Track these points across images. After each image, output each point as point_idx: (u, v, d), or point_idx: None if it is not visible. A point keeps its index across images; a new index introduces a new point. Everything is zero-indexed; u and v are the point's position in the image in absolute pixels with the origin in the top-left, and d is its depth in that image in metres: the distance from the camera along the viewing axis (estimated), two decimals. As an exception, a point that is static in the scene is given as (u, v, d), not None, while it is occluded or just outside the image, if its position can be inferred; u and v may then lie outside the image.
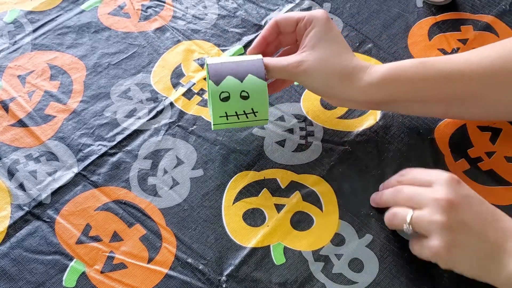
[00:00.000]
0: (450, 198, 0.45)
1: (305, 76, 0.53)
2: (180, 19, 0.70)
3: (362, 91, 0.53)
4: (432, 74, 0.52)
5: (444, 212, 0.44)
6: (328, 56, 0.53)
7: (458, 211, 0.45)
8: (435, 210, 0.45)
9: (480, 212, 0.45)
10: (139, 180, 0.57)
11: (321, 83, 0.53)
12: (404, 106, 0.55)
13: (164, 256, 0.52)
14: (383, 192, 0.53)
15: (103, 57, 0.66)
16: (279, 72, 0.54)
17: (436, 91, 0.52)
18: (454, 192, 0.45)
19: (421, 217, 0.46)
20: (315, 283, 0.51)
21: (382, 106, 0.57)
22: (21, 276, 0.51)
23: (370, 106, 0.58)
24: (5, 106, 0.62)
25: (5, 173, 0.57)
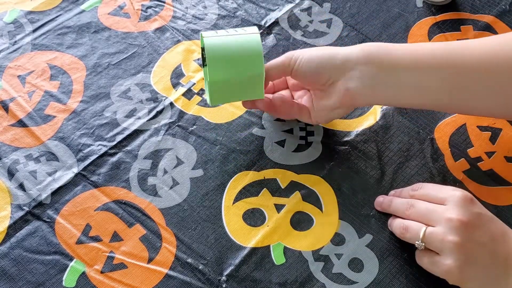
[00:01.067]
0: (464, 219, 0.45)
1: (298, 65, 0.54)
2: (180, 19, 0.70)
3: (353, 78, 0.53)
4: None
5: (457, 232, 0.45)
6: (317, 49, 0.55)
7: (471, 231, 0.45)
8: (448, 230, 0.45)
9: (491, 231, 0.46)
10: (139, 180, 0.57)
11: (314, 69, 0.53)
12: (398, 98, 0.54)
13: (164, 256, 0.52)
14: (393, 200, 0.53)
15: (103, 57, 0.66)
16: (275, 67, 0.55)
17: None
18: (467, 212, 0.46)
19: (434, 235, 0.46)
20: (315, 283, 0.51)
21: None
22: (21, 276, 0.51)
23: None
24: (5, 106, 0.62)
25: (5, 173, 0.57)
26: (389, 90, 0.52)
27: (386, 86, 0.51)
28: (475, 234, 0.45)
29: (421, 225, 0.48)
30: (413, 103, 0.54)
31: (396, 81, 0.51)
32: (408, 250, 0.52)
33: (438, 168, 0.57)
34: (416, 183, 0.55)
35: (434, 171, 0.57)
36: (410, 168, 0.57)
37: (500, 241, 0.45)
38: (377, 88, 0.52)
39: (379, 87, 0.52)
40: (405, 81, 0.51)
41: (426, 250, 0.48)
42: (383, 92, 0.52)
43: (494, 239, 0.45)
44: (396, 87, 0.52)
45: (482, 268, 0.45)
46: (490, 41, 0.52)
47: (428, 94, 0.51)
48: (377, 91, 0.52)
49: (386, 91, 0.52)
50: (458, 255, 0.45)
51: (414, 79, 0.51)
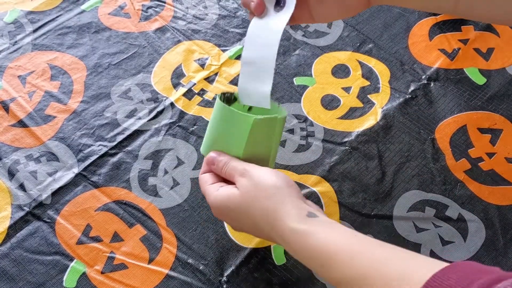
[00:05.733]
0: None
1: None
2: (180, 19, 0.70)
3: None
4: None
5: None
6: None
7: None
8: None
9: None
10: (139, 180, 0.57)
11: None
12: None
13: (165, 257, 0.52)
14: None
15: (104, 57, 0.66)
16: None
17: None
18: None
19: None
20: (316, 283, 0.51)
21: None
22: (21, 277, 0.51)
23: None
24: (5, 107, 0.62)
25: (5, 173, 0.57)
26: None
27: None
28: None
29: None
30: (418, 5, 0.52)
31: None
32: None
33: (439, 168, 0.57)
34: (417, 183, 0.55)
35: (435, 171, 0.57)
36: (411, 168, 0.57)
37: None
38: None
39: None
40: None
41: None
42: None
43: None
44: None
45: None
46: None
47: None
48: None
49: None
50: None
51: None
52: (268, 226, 0.43)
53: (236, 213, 0.45)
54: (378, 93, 0.63)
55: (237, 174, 0.46)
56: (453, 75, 0.64)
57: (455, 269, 0.33)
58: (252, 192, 0.44)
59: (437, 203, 0.55)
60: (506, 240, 0.53)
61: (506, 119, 0.60)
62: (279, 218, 0.42)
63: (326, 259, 0.39)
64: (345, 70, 0.65)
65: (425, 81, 0.64)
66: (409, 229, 0.53)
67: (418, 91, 0.63)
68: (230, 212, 0.46)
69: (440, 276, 0.33)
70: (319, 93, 0.63)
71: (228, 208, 0.46)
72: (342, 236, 0.40)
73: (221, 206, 0.46)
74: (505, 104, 0.62)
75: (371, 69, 0.65)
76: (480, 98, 0.62)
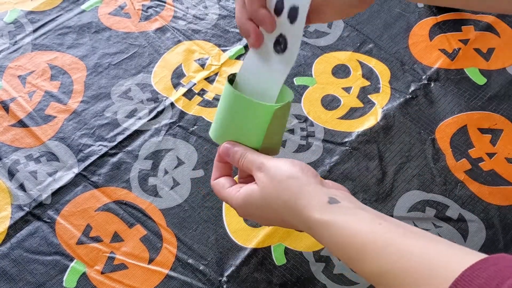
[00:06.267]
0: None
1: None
2: (180, 19, 0.70)
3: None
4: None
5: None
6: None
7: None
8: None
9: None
10: (139, 180, 0.57)
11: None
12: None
13: (165, 257, 0.52)
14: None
15: (104, 57, 0.66)
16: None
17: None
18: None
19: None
20: (316, 283, 0.51)
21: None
22: (21, 277, 0.51)
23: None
24: (5, 107, 0.62)
25: (5, 173, 0.57)
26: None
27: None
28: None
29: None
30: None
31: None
32: (409, 251, 0.52)
33: (439, 169, 0.57)
34: (417, 183, 0.54)
35: (435, 172, 0.57)
36: (412, 168, 0.57)
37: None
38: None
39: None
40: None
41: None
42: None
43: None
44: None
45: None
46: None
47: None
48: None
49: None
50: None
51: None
52: (294, 219, 0.42)
53: (260, 210, 0.44)
54: (379, 93, 0.63)
55: (254, 168, 0.45)
56: (453, 75, 0.64)
57: (486, 264, 0.32)
58: (270, 187, 0.43)
59: (437, 203, 0.55)
60: (506, 241, 0.53)
61: (507, 119, 0.60)
62: (301, 210, 0.41)
63: (352, 253, 0.38)
64: (345, 70, 0.65)
65: (425, 81, 0.64)
66: (409, 229, 0.53)
67: (419, 91, 0.63)
68: (255, 210, 0.45)
69: (470, 273, 0.31)
70: (320, 93, 0.63)
71: (251, 206, 0.45)
72: (367, 227, 0.38)
73: (245, 206, 0.45)
74: (505, 104, 0.62)
75: (371, 69, 0.65)
76: (480, 98, 0.62)
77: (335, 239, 0.39)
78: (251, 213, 0.46)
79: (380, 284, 0.37)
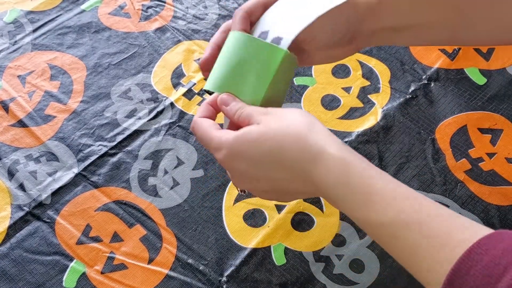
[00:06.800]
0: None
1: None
2: (180, 19, 0.70)
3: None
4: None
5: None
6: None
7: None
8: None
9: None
10: (139, 180, 0.57)
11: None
12: (410, 32, 0.46)
13: (165, 257, 0.52)
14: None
15: (104, 57, 0.66)
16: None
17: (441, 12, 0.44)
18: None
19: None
20: (316, 283, 0.51)
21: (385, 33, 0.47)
22: (21, 277, 0.51)
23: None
24: (5, 106, 0.62)
25: (5, 173, 0.57)
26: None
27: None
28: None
29: None
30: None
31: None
32: (409, 251, 0.52)
33: (439, 169, 0.57)
34: (417, 183, 0.54)
35: (435, 172, 0.57)
36: (411, 168, 0.57)
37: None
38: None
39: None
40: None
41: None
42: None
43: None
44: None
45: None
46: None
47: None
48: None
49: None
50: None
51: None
52: (299, 159, 0.37)
53: (256, 154, 0.37)
54: (378, 93, 0.63)
55: (256, 114, 0.39)
56: (453, 75, 0.64)
57: (501, 237, 0.31)
58: (275, 124, 0.37)
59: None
60: (506, 241, 0.53)
61: (507, 119, 0.60)
62: (311, 144, 0.36)
63: (364, 197, 0.35)
64: (345, 70, 0.65)
65: (425, 81, 0.64)
66: (409, 229, 0.53)
67: (419, 91, 0.63)
68: (248, 156, 0.38)
69: (486, 242, 0.30)
70: (319, 93, 0.63)
71: (245, 148, 0.38)
72: (386, 177, 0.36)
73: (237, 149, 0.38)
74: (505, 104, 0.61)
75: (371, 69, 0.65)
76: (480, 98, 0.62)
77: (347, 178, 0.36)
78: (242, 161, 0.38)
79: (391, 237, 0.34)
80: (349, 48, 0.47)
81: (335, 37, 0.44)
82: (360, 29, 0.45)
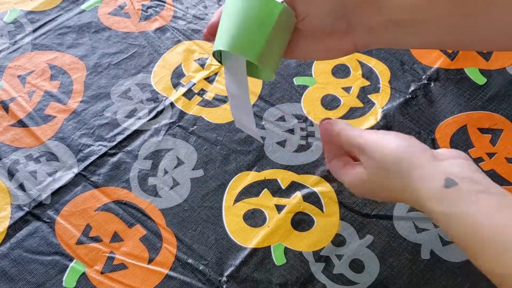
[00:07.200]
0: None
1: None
2: (180, 19, 0.70)
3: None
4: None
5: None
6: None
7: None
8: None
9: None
10: (139, 180, 0.57)
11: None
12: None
13: (165, 257, 0.52)
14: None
15: (104, 57, 0.66)
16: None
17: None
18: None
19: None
20: (316, 283, 0.51)
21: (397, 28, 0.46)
22: (21, 277, 0.51)
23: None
24: (5, 106, 0.62)
25: (5, 173, 0.57)
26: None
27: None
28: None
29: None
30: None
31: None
32: (408, 251, 0.52)
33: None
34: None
35: (435, 172, 0.57)
36: (411, 168, 0.57)
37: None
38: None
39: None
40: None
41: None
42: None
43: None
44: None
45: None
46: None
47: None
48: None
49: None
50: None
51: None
52: (409, 202, 0.39)
53: (375, 192, 0.42)
54: (378, 93, 0.63)
55: (355, 149, 0.42)
56: (453, 75, 0.64)
57: None
58: (377, 175, 0.40)
59: (437, 203, 0.55)
60: (506, 241, 0.53)
61: (507, 119, 0.60)
62: (416, 198, 0.37)
63: (472, 250, 0.34)
64: (345, 70, 0.65)
65: (425, 81, 0.64)
66: (409, 229, 0.53)
67: (418, 91, 0.63)
68: (373, 192, 0.43)
69: None
70: (319, 93, 0.63)
71: (364, 188, 0.43)
72: (489, 221, 0.34)
73: (358, 188, 0.43)
74: (505, 104, 0.61)
75: (371, 69, 0.65)
76: (480, 98, 0.62)
77: (454, 232, 0.35)
78: (366, 193, 0.44)
79: (503, 285, 0.34)
80: (345, 42, 0.46)
81: (330, 19, 0.44)
82: (358, 20, 0.44)
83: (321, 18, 0.44)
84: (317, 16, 0.44)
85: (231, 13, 0.44)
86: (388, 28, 0.45)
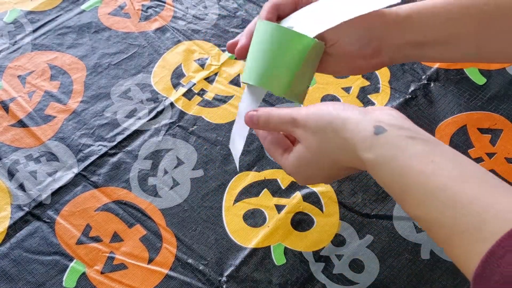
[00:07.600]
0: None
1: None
2: (180, 19, 0.70)
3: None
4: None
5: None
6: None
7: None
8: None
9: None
10: (139, 180, 0.57)
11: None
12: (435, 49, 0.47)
13: (165, 257, 0.52)
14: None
15: (104, 57, 0.66)
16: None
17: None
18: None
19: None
20: (316, 283, 0.51)
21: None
22: (21, 277, 0.51)
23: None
24: (5, 107, 0.62)
25: (5, 173, 0.57)
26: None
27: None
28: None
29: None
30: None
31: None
32: (408, 251, 0.52)
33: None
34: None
35: (435, 172, 0.57)
36: (411, 168, 0.57)
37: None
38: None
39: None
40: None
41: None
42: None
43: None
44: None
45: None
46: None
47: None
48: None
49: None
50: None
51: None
52: (351, 161, 0.40)
53: (317, 167, 0.43)
54: (378, 93, 0.63)
55: (288, 126, 0.43)
56: (453, 75, 0.64)
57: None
58: (315, 142, 0.41)
59: (437, 203, 0.55)
60: (506, 240, 0.53)
61: (506, 119, 0.60)
62: (352, 154, 0.38)
63: (399, 194, 0.36)
64: (345, 70, 0.65)
65: (425, 81, 0.64)
66: (409, 230, 0.53)
67: (418, 91, 0.63)
68: (313, 170, 0.43)
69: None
70: (319, 93, 0.63)
71: (307, 168, 0.43)
72: (417, 166, 0.35)
73: (301, 171, 0.44)
74: (505, 104, 0.62)
75: (371, 69, 0.65)
76: (480, 98, 0.62)
77: (383, 177, 0.37)
78: (311, 175, 0.44)
79: (426, 229, 0.35)
80: (373, 62, 0.47)
81: (359, 44, 0.45)
82: (385, 42, 0.46)
83: (350, 44, 0.46)
84: (346, 42, 0.45)
85: (262, 44, 0.45)
86: (414, 47, 0.46)
